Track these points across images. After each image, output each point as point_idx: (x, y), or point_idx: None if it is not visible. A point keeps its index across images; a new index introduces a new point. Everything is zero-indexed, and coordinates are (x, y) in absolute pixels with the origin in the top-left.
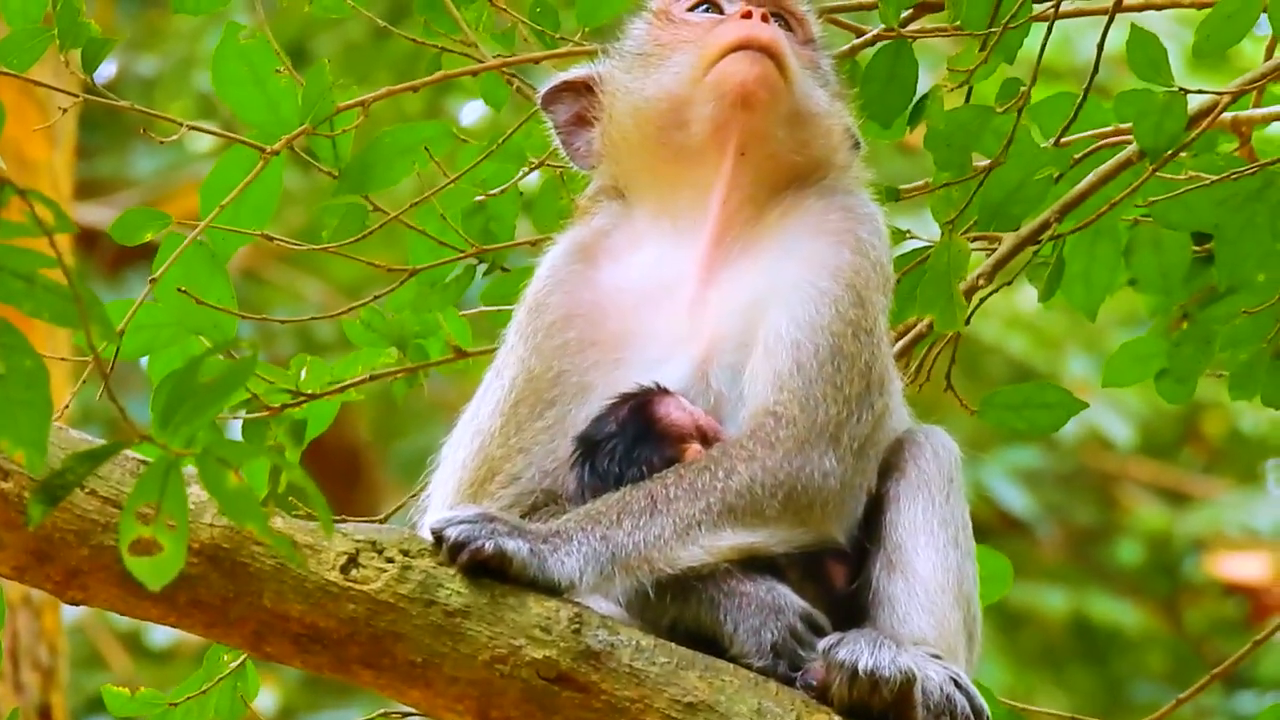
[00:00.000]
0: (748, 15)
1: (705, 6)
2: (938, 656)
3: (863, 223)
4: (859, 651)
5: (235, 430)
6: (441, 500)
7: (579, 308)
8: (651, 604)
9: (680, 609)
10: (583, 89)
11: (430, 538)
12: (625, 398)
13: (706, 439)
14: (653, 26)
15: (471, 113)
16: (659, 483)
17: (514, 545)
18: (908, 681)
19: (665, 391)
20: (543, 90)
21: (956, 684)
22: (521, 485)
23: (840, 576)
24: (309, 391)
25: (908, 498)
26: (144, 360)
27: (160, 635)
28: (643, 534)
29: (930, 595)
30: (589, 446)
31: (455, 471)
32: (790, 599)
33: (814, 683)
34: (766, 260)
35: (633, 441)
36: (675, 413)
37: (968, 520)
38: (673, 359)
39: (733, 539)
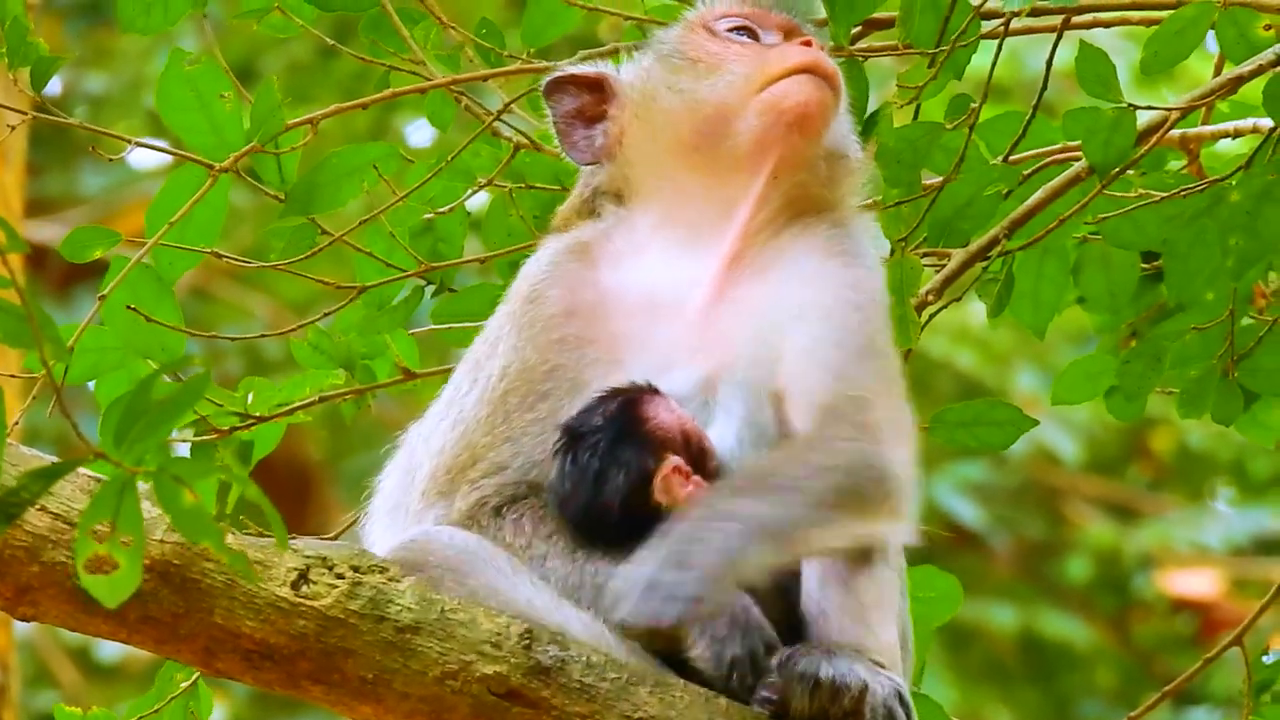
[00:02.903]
0: (808, 44)
1: (744, 33)
2: (881, 665)
3: (869, 252)
4: (817, 662)
5: (182, 453)
6: (409, 487)
7: (579, 305)
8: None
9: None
10: (590, 85)
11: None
12: (615, 392)
13: (690, 444)
14: (698, 37)
15: (419, 132)
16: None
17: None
18: (864, 690)
19: (655, 391)
20: (548, 78)
21: (900, 698)
22: (507, 476)
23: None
24: (257, 414)
25: None
26: (91, 384)
27: (109, 651)
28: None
29: (867, 608)
30: (573, 438)
31: (432, 457)
32: (760, 622)
33: (773, 697)
34: (787, 286)
35: (616, 438)
36: (664, 414)
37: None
38: (676, 368)
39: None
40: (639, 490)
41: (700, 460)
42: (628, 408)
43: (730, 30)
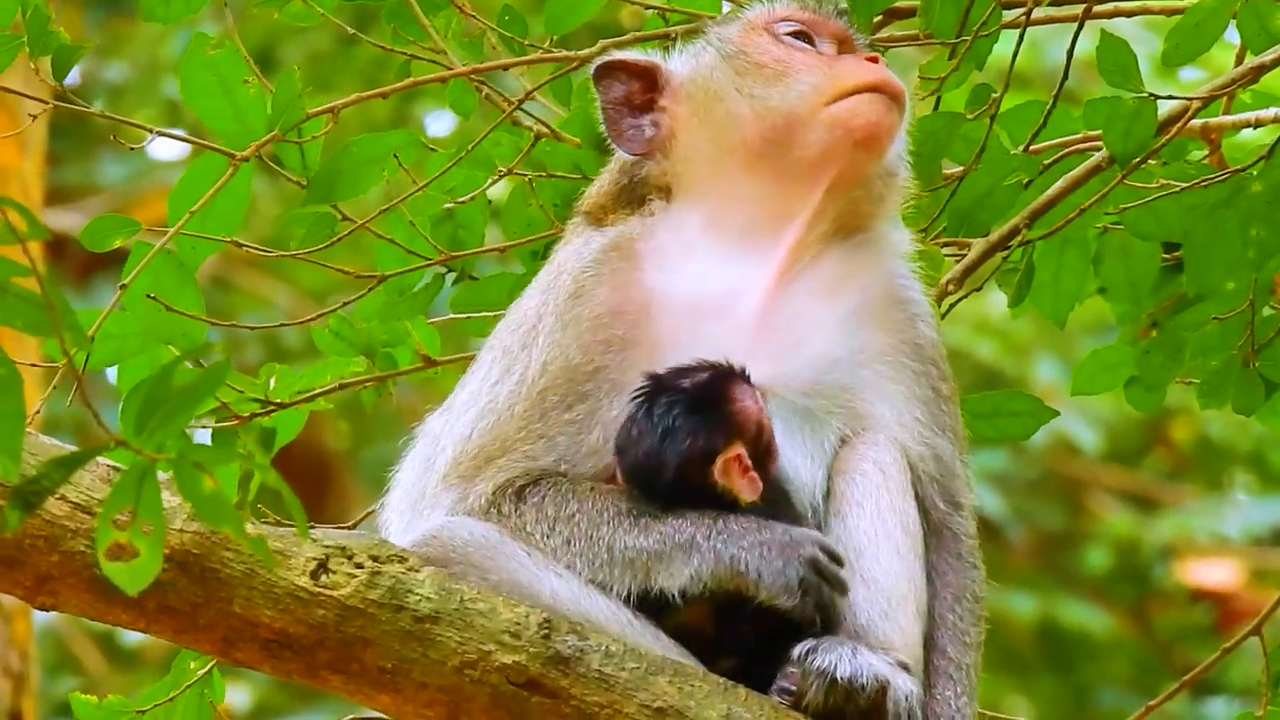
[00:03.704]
0: (874, 60)
1: (802, 39)
2: (906, 666)
3: (917, 280)
4: (836, 659)
5: (203, 439)
6: (429, 472)
7: (625, 305)
8: (672, 568)
9: (700, 569)
10: (640, 74)
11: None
12: (712, 365)
13: (760, 439)
14: (762, 39)
15: (440, 122)
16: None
17: None
18: (882, 691)
19: (748, 379)
20: (599, 62)
21: (920, 702)
22: (535, 463)
23: None
24: (278, 400)
25: (870, 501)
26: (111, 371)
27: (133, 636)
28: None
29: (894, 604)
30: (656, 390)
31: (456, 443)
32: (805, 534)
33: (792, 689)
34: (844, 313)
35: (696, 406)
36: (749, 402)
37: (920, 529)
38: None
39: None
40: (699, 463)
41: (763, 458)
42: (718, 383)
43: (788, 35)
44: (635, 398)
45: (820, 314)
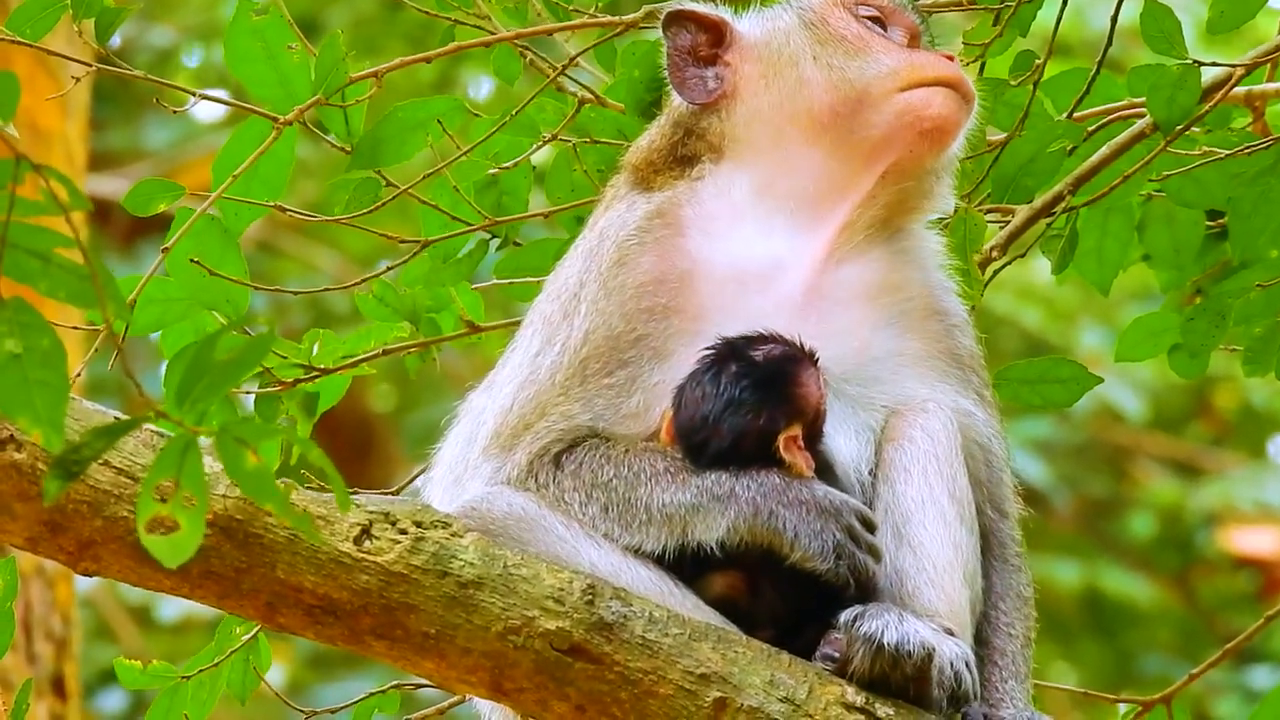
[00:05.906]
0: (950, 58)
1: (876, 23)
2: (951, 631)
3: (954, 289)
4: (883, 625)
5: (247, 404)
6: (471, 446)
7: (669, 273)
8: (709, 520)
9: (736, 520)
10: (708, 26)
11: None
12: (784, 341)
13: (815, 422)
14: (843, 14)
15: (484, 87)
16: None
17: None
18: (928, 657)
19: (815, 362)
20: (670, 9)
21: (966, 663)
22: (571, 423)
23: None
24: (321, 366)
25: (917, 467)
26: (155, 335)
27: (170, 610)
28: None
29: (939, 570)
30: (728, 355)
31: (498, 415)
32: (844, 498)
33: (835, 655)
34: (885, 321)
35: (764, 383)
36: (813, 387)
37: (971, 495)
38: None
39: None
40: (755, 438)
41: (812, 438)
42: (788, 364)
43: (865, 16)
44: (705, 357)
45: (862, 317)
